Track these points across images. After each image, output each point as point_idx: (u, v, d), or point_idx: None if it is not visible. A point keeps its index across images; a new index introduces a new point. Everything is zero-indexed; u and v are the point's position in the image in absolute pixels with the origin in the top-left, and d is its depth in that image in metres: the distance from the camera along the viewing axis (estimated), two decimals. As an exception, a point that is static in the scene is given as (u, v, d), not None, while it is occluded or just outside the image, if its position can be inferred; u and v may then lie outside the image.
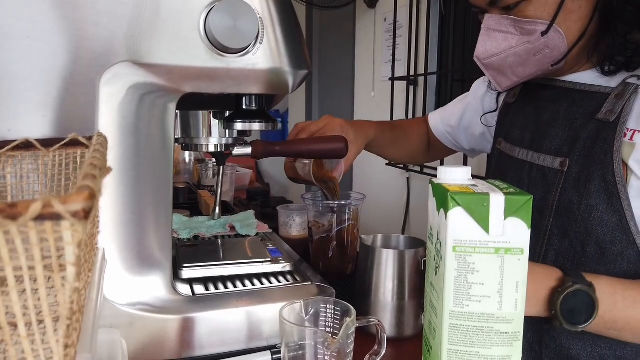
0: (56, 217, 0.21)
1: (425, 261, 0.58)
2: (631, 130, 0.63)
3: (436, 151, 1.13)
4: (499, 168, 0.83)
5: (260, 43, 0.57)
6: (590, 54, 0.70)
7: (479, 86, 1.00)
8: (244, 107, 0.69)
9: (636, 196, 0.63)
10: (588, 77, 0.71)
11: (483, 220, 0.44)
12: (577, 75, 0.73)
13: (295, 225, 1.01)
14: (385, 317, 0.68)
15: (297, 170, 0.90)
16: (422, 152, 1.13)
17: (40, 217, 0.21)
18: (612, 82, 0.68)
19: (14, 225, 0.21)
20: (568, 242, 0.69)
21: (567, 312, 0.55)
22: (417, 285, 0.67)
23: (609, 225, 0.65)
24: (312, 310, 0.55)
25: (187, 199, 1.46)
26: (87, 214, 0.22)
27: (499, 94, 0.89)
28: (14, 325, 0.24)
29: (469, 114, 1.01)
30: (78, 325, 0.29)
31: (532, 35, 0.66)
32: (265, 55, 0.57)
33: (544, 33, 0.66)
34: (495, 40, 0.69)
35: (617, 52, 0.66)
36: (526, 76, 0.72)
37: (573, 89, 0.72)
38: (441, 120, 1.07)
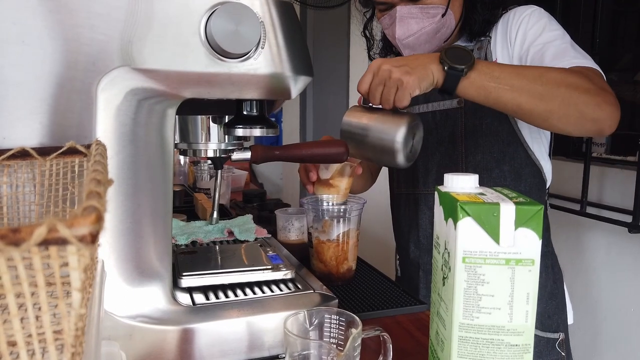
0: (62, 242, 0.20)
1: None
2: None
3: None
4: None
5: (262, 48, 0.56)
6: (458, 31, 0.95)
7: None
8: (245, 112, 0.68)
9: None
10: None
11: (493, 231, 0.44)
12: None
13: (294, 230, 1.00)
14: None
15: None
16: None
17: (44, 242, 0.20)
18: (470, 44, 0.97)
19: (17, 252, 0.20)
20: (480, 155, 0.94)
21: (453, 57, 0.71)
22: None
23: (503, 132, 0.92)
24: (316, 321, 0.54)
25: (183, 202, 1.44)
26: (95, 238, 0.21)
27: None
28: (16, 353, 0.23)
29: None
30: (81, 348, 0.28)
31: (435, 17, 0.88)
32: (266, 60, 0.56)
33: (443, 15, 0.88)
34: (409, 25, 0.90)
35: (477, 26, 0.93)
36: (428, 52, 0.94)
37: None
38: None
